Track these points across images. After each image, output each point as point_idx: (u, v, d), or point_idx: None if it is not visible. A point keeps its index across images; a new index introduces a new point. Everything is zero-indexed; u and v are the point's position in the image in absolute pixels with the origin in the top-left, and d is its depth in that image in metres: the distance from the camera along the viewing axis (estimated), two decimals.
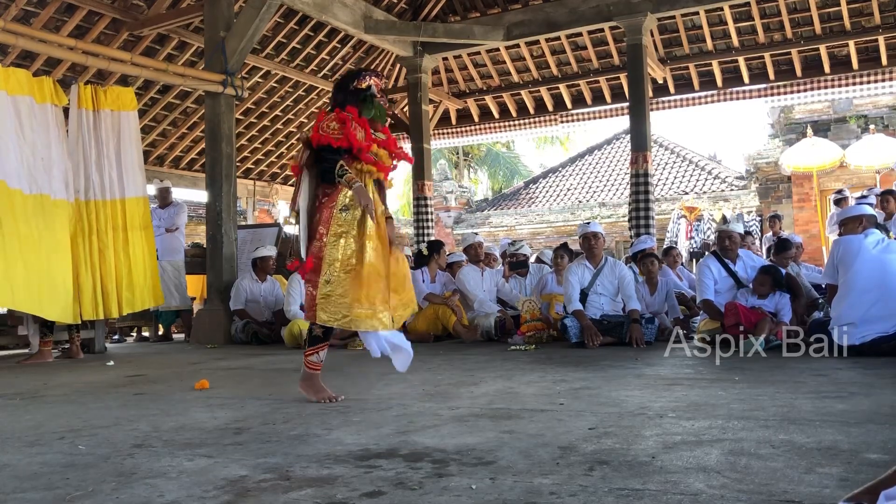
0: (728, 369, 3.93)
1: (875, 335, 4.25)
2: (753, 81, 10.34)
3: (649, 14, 8.38)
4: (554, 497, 1.67)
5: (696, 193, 16.85)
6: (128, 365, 5.32)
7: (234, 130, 7.61)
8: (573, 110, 11.57)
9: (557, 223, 18.03)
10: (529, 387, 3.48)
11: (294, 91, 11.11)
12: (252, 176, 12.33)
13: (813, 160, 11.82)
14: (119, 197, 6.21)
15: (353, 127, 3.24)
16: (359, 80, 3.37)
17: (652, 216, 8.38)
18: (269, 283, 7.32)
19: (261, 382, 4.09)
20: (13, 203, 5.30)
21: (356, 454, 2.17)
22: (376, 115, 3.37)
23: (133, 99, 6.52)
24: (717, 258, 5.53)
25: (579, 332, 5.51)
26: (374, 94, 3.36)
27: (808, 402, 2.80)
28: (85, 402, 3.46)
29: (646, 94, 8.63)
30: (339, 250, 3.20)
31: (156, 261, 6.57)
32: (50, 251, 5.51)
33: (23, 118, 5.47)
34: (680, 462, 1.95)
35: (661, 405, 2.84)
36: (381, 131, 3.43)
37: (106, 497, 1.80)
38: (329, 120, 3.27)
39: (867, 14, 9.13)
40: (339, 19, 8.44)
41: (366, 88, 3.36)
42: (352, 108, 3.31)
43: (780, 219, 10.55)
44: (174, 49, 9.01)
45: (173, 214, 8.04)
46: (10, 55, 7.70)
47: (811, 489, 1.67)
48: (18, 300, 5.36)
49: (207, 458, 2.16)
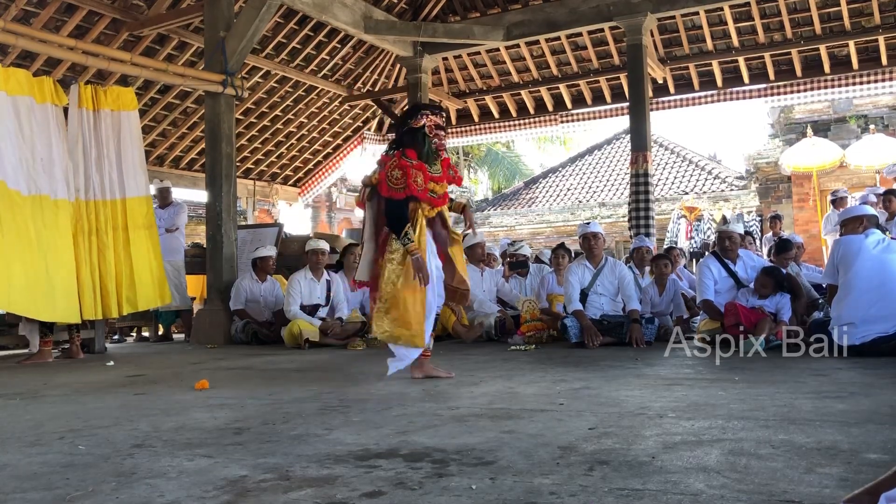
0: (728, 369, 3.93)
1: (875, 335, 4.25)
2: (753, 81, 10.33)
3: (649, 14, 8.38)
4: (554, 497, 1.67)
5: (696, 193, 16.85)
6: (128, 365, 5.32)
7: (234, 130, 7.61)
8: (573, 110, 11.56)
9: (557, 223, 18.03)
10: (529, 387, 3.48)
11: (294, 91, 11.11)
12: (252, 176, 12.33)
13: (813, 160, 11.83)
14: (119, 197, 6.20)
15: (413, 177, 3.63)
16: (416, 119, 3.72)
17: (652, 216, 8.38)
18: (269, 283, 7.32)
19: (261, 382, 4.09)
20: (12, 204, 5.30)
21: (356, 454, 2.17)
22: (427, 158, 3.73)
23: (133, 99, 6.52)
24: (717, 258, 5.53)
25: (579, 332, 5.51)
26: (426, 134, 3.72)
27: (808, 402, 2.80)
28: (85, 402, 3.46)
29: (646, 94, 8.63)
30: (388, 274, 3.70)
31: (161, 259, 6.57)
32: (48, 252, 5.49)
33: (22, 118, 5.47)
34: (680, 462, 1.95)
35: (661, 405, 2.84)
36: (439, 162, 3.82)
37: (106, 497, 1.80)
38: (393, 168, 3.66)
39: (867, 14, 9.13)
40: (339, 19, 8.44)
41: (421, 128, 3.72)
42: (411, 153, 3.68)
43: (780, 219, 10.56)
44: (174, 49, 9.01)
45: (173, 214, 8.04)
46: (10, 55, 7.70)
47: (811, 489, 1.67)
48: (13, 301, 5.35)
49: (207, 458, 2.16)
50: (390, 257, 3.70)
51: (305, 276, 6.71)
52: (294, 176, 13.14)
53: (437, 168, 3.78)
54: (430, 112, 3.77)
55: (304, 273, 6.72)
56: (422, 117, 3.72)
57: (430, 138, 3.72)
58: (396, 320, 3.66)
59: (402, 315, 3.65)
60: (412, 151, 3.69)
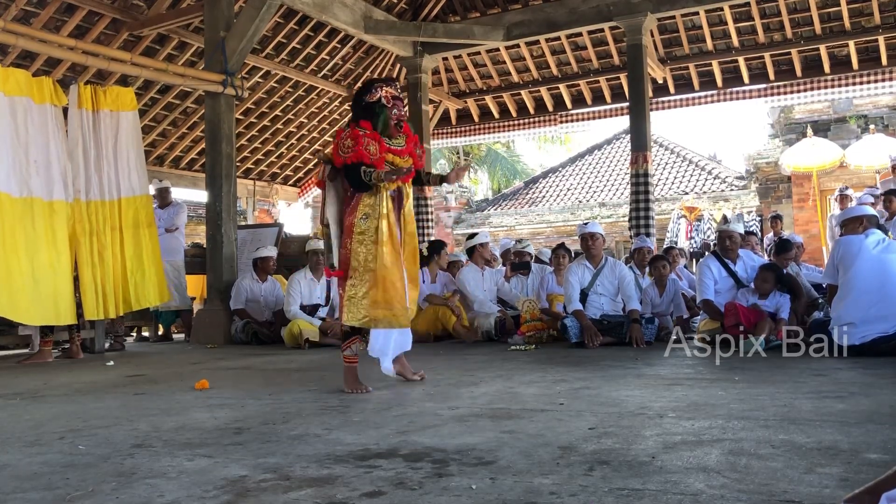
0: (728, 369, 3.93)
1: (875, 335, 4.25)
2: (753, 81, 10.33)
3: (649, 14, 8.38)
4: (554, 497, 1.67)
5: (696, 193, 16.84)
6: (128, 365, 5.32)
7: (234, 130, 7.61)
8: (573, 110, 11.57)
9: (557, 223, 18.02)
10: (529, 387, 3.48)
11: (294, 91, 11.11)
12: (252, 176, 12.32)
13: (813, 160, 11.83)
14: (119, 197, 6.20)
15: (364, 144, 3.45)
16: (370, 94, 3.53)
17: (652, 216, 8.38)
18: (269, 283, 7.32)
19: (261, 382, 4.09)
20: (1, 207, 5.28)
21: (356, 454, 2.17)
22: (384, 128, 3.54)
23: (133, 99, 6.52)
24: (718, 258, 5.53)
25: (579, 332, 5.51)
26: (384, 105, 3.52)
27: (808, 402, 2.80)
28: (85, 402, 3.46)
29: (646, 94, 8.63)
30: (360, 256, 3.50)
31: (160, 259, 6.56)
32: (35, 255, 5.43)
33: (19, 119, 5.46)
34: (680, 462, 1.95)
35: (661, 405, 2.84)
36: (402, 135, 3.63)
37: (106, 497, 1.80)
38: (345, 138, 3.49)
39: (867, 14, 9.13)
40: (339, 19, 8.44)
41: (376, 101, 3.52)
42: (365, 123, 3.51)
43: (780, 219, 10.56)
44: (174, 49, 9.01)
45: (173, 214, 8.04)
46: (10, 55, 7.69)
47: (811, 489, 1.67)
48: (1, 305, 5.31)
49: (207, 458, 2.16)
50: (360, 238, 3.50)
51: (305, 277, 6.71)
52: (294, 176, 13.14)
53: (400, 142, 3.61)
54: (385, 84, 3.60)
55: (304, 273, 6.73)
56: (376, 90, 3.54)
57: (387, 108, 3.53)
58: (377, 302, 3.46)
59: (382, 296, 3.46)
60: (366, 122, 3.53)
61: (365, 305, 3.46)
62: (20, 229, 5.38)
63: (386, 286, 3.47)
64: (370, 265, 3.47)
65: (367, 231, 3.50)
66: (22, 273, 5.35)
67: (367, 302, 3.46)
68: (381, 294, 3.46)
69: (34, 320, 5.62)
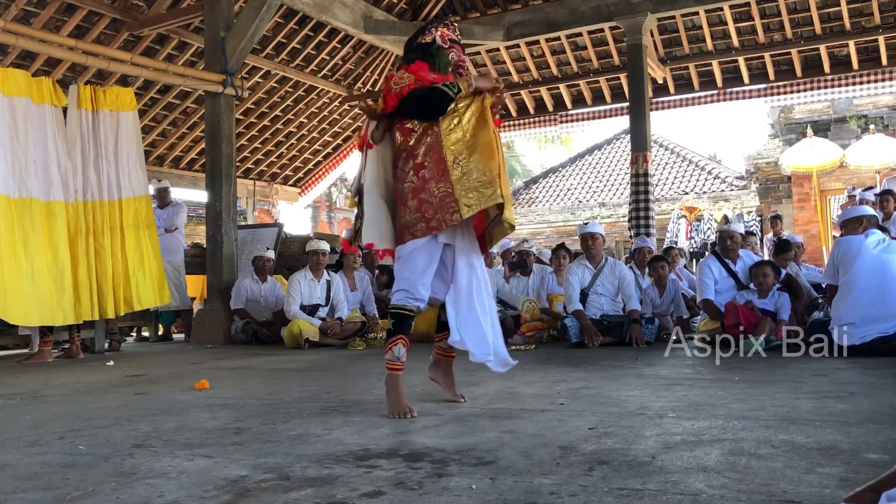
0: (728, 369, 3.93)
1: (875, 335, 4.25)
2: (753, 81, 10.34)
3: (649, 14, 8.39)
4: (554, 497, 1.67)
5: (696, 193, 16.85)
6: (128, 365, 5.32)
7: (234, 130, 7.61)
8: (573, 110, 11.57)
9: (557, 223, 18.03)
10: (529, 387, 3.48)
11: (294, 91, 11.11)
12: (252, 176, 12.33)
13: (813, 160, 11.82)
14: (118, 197, 6.20)
15: (426, 72, 2.89)
16: (423, 36, 3.03)
17: (652, 216, 8.38)
18: (269, 283, 7.33)
19: (261, 382, 4.09)
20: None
21: (356, 454, 2.17)
22: (443, 69, 2.95)
23: (133, 99, 6.52)
24: (718, 258, 5.53)
25: (579, 333, 5.52)
26: (440, 46, 2.98)
27: (808, 402, 2.80)
28: (85, 402, 3.46)
29: (646, 94, 8.64)
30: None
31: (161, 259, 6.56)
32: (34, 255, 5.43)
33: (18, 120, 5.46)
34: (680, 462, 1.95)
35: (661, 405, 2.84)
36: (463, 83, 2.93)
37: (106, 497, 1.80)
38: (399, 77, 2.87)
39: (867, 14, 9.13)
40: (339, 19, 8.44)
41: (431, 42, 2.99)
42: (422, 64, 2.93)
43: (780, 219, 10.55)
44: (174, 49, 9.01)
45: (172, 214, 8.04)
46: (10, 55, 7.70)
47: (811, 489, 1.67)
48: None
49: (207, 458, 2.16)
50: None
51: (305, 277, 6.71)
52: (294, 176, 13.14)
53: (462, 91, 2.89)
54: (440, 24, 3.08)
55: (304, 273, 6.73)
56: (430, 31, 3.03)
57: (444, 50, 2.97)
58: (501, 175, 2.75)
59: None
60: (423, 63, 2.93)
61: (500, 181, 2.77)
62: (19, 229, 5.38)
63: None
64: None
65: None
66: (21, 274, 5.34)
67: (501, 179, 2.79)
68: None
69: (32, 321, 5.61)
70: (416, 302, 2.83)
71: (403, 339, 2.84)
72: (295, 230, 11.90)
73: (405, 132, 2.85)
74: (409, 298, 2.83)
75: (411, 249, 2.81)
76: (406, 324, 2.86)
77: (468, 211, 2.73)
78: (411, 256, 2.82)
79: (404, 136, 2.85)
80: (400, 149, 2.87)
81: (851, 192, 9.34)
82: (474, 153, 2.76)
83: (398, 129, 2.87)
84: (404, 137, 2.85)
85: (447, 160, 2.77)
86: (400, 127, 2.87)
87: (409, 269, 2.83)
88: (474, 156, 2.76)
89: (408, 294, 2.83)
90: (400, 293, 2.85)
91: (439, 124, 2.81)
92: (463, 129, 2.81)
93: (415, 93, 2.79)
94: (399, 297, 2.84)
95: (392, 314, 2.86)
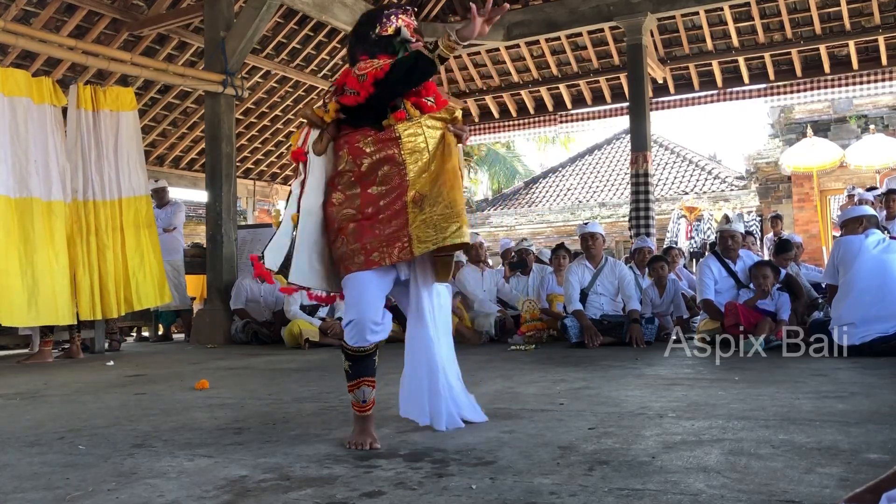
0: (728, 369, 3.93)
1: (875, 335, 4.25)
2: (753, 81, 10.34)
3: (649, 14, 8.39)
4: (554, 497, 1.67)
5: (696, 193, 16.84)
6: (128, 365, 5.32)
7: (234, 130, 7.61)
8: (573, 110, 11.58)
9: (557, 223, 18.02)
10: (529, 387, 3.48)
11: (294, 91, 11.11)
12: (252, 176, 12.33)
13: (813, 160, 11.82)
14: (118, 197, 6.20)
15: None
16: (382, 26, 2.49)
17: (652, 216, 8.39)
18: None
19: (261, 382, 4.09)
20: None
21: (356, 454, 2.17)
22: None
23: (133, 99, 6.52)
24: (718, 258, 5.53)
25: (579, 332, 5.51)
26: (406, 38, 2.47)
27: (808, 402, 2.80)
28: (85, 402, 3.46)
29: (646, 94, 8.64)
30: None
31: (161, 259, 6.56)
32: (35, 255, 5.42)
33: (18, 120, 5.46)
34: (680, 462, 1.95)
35: (661, 405, 2.84)
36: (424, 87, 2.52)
37: (106, 497, 1.80)
38: (365, 65, 2.39)
39: (867, 14, 9.13)
40: (339, 19, 8.43)
41: (394, 34, 2.48)
42: (383, 57, 2.43)
43: (780, 219, 10.55)
44: (174, 49, 9.01)
45: (171, 214, 8.03)
46: (10, 55, 7.69)
47: (811, 489, 1.67)
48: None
49: (207, 458, 2.16)
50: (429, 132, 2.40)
51: None
52: (294, 176, 13.13)
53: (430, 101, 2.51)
54: (401, 12, 2.53)
55: None
56: (390, 20, 2.49)
57: (412, 45, 2.44)
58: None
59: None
60: (384, 56, 2.44)
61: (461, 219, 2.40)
62: (19, 230, 5.38)
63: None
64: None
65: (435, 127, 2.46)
66: (21, 274, 5.34)
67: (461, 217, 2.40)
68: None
69: (32, 321, 5.61)
70: (374, 337, 2.34)
71: (367, 381, 2.37)
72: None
73: (356, 152, 2.38)
74: (367, 334, 2.32)
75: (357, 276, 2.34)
76: (367, 364, 2.37)
77: (421, 248, 2.30)
78: (359, 283, 2.34)
79: (354, 156, 2.39)
80: (345, 170, 2.41)
81: (851, 191, 9.33)
82: (438, 182, 2.34)
83: (347, 147, 2.41)
84: (353, 158, 2.39)
85: (407, 195, 2.33)
86: (349, 145, 2.41)
87: (358, 295, 2.34)
88: (438, 185, 2.34)
89: (362, 327, 2.31)
90: (353, 327, 2.32)
91: (401, 148, 2.35)
92: (429, 155, 2.38)
93: (400, 63, 2.35)
94: (354, 335, 2.33)
95: (348, 356, 2.37)
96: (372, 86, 2.34)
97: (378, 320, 2.35)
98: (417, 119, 2.39)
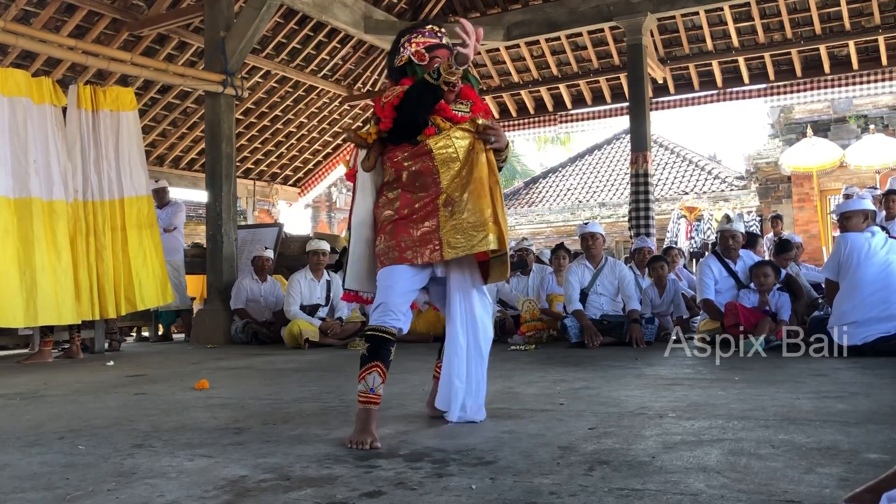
0: (728, 369, 3.93)
1: (877, 335, 4.26)
2: (753, 81, 10.34)
3: (649, 14, 8.39)
4: (554, 497, 1.67)
5: (696, 193, 16.84)
6: (128, 365, 5.32)
7: (234, 130, 7.62)
8: (573, 110, 11.58)
9: (557, 223, 18.03)
10: (529, 387, 3.48)
11: (294, 91, 11.11)
12: (252, 176, 12.33)
13: (813, 160, 11.82)
14: (118, 197, 6.19)
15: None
16: (399, 56, 2.70)
17: (652, 216, 8.39)
18: (269, 283, 7.33)
19: (261, 382, 4.09)
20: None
21: (356, 454, 2.17)
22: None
23: (133, 99, 6.52)
24: (718, 258, 5.53)
25: (579, 332, 5.52)
26: (418, 65, 2.62)
27: (808, 402, 2.80)
28: (85, 402, 3.46)
29: (646, 94, 8.64)
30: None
31: (163, 259, 6.56)
32: (35, 254, 5.42)
33: (18, 120, 5.46)
34: (680, 462, 1.95)
35: (661, 405, 2.84)
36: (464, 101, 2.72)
37: (106, 497, 1.80)
38: (389, 92, 2.62)
39: (867, 14, 9.13)
40: (339, 19, 8.44)
41: (407, 63, 2.66)
42: (406, 81, 2.64)
43: (780, 219, 10.55)
44: (174, 49, 9.01)
45: (171, 214, 8.03)
46: (10, 55, 7.69)
47: (811, 489, 1.67)
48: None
49: (207, 458, 2.16)
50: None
51: (305, 277, 6.71)
52: (294, 176, 13.14)
53: (463, 108, 2.68)
54: (413, 34, 2.71)
55: (304, 273, 6.73)
56: (403, 49, 2.68)
57: (422, 67, 2.59)
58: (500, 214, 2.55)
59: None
60: (406, 80, 2.64)
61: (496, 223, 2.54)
62: (18, 230, 5.37)
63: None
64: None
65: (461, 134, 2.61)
66: (19, 275, 5.33)
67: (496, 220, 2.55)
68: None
69: (30, 322, 5.60)
70: (396, 322, 2.50)
71: (379, 367, 2.45)
72: (295, 230, 11.91)
73: (397, 166, 2.61)
74: (389, 317, 2.48)
75: (391, 268, 2.54)
76: (384, 349, 2.47)
77: (451, 254, 2.49)
78: (391, 273, 2.53)
79: (395, 169, 2.62)
80: (389, 181, 2.65)
81: (847, 191, 9.34)
82: (467, 191, 2.52)
83: (389, 162, 2.64)
84: (395, 170, 2.62)
85: (439, 199, 2.54)
86: (391, 160, 2.63)
87: (389, 283, 2.53)
88: (466, 194, 2.51)
89: (387, 310, 2.49)
90: (379, 309, 2.51)
91: (434, 160, 2.55)
92: (461, 163, 2.56)
93: (408, 93, 2.52)
94: (378, 315, 2.49)
95: (368, 336, 2.50)
96: (393, 111, 2.56)
97: (402, 310, 2.54)
98: (447, 131, 2.59)
